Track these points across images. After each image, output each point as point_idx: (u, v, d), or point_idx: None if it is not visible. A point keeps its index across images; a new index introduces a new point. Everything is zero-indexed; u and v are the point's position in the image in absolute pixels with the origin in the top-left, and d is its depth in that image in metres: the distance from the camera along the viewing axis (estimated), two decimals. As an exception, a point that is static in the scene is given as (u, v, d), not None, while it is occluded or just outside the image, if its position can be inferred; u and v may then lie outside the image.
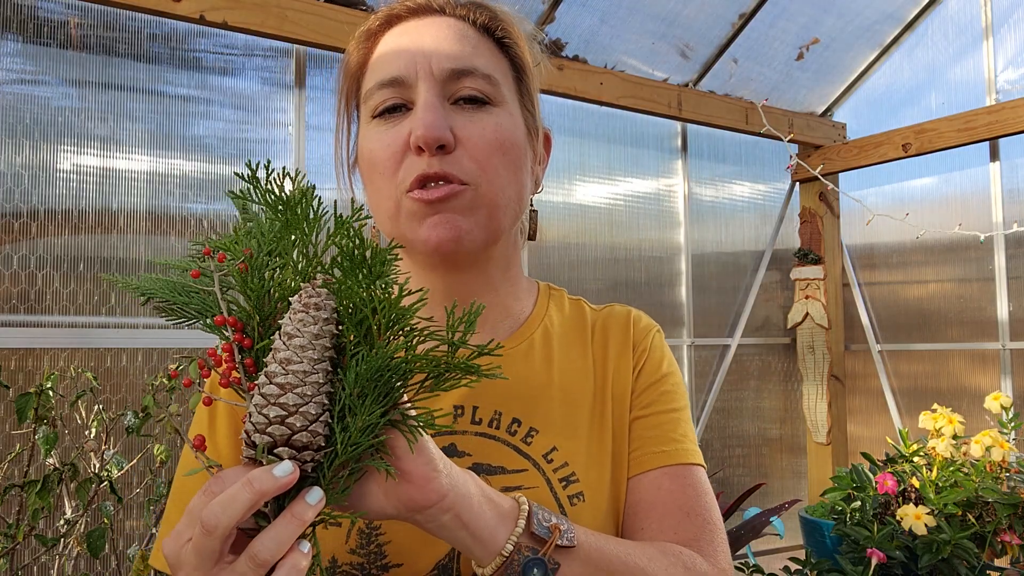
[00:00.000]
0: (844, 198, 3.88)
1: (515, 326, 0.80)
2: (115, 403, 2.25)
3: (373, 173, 0.71)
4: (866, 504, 1.31)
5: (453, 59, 0.70)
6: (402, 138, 0.68)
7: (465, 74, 0.69)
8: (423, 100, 0.68)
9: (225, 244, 0.56)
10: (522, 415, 0.74)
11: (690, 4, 3.10)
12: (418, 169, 0.67)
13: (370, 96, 0.71)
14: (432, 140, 0.66)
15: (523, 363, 0.77)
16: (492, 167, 0.69)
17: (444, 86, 0.69)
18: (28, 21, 2.18)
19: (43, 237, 2.18)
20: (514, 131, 0.72)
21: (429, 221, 0.68)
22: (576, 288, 3.22)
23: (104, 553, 1.78)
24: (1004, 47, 3.32)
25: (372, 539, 0.66)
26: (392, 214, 0.70)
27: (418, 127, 0.66)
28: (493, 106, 0.71)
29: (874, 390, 3.79)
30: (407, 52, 0.70)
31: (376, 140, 0.71)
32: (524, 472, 0.71)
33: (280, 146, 2.55)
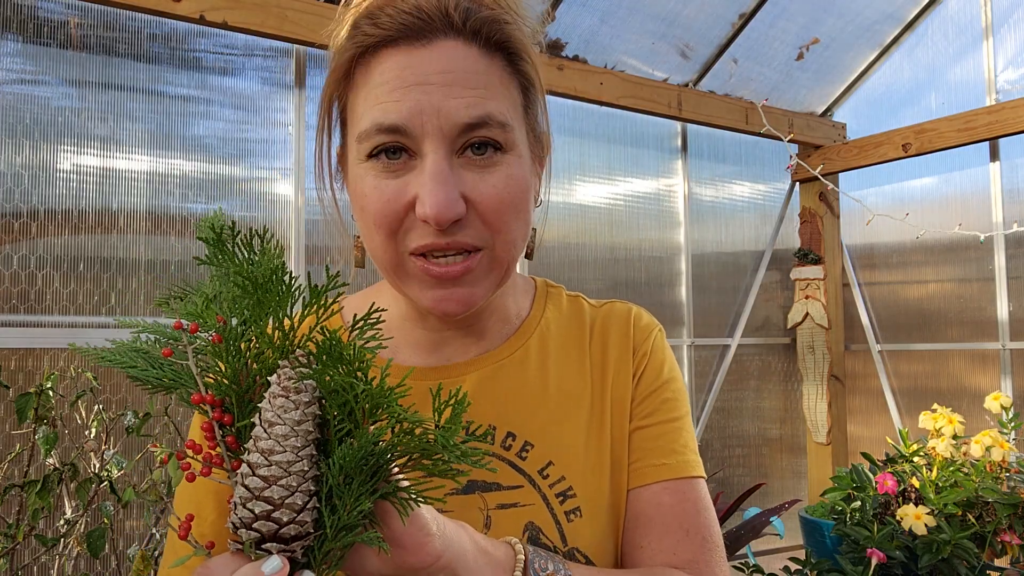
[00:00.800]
0: (844, 198, 3.89)
1: (510, 331, 0.78)
2: (115, 403, 2.25)
3: (368, 220, 0.66)
4: (866, 504, 1.31)
5: (465, 108, 0.63)
6: (405, 198, 0.63)
7: (478, 126, 0.63)
8: (431, 166, 0.62)
9: (196, 312, 0.54)
10: (517, 428, 0.73)
11: (690, 4, 3.10)
12: (426, 239, 0.63)
13: (366, 137, 0.64)
14: (444, 222, 0.61)
15: (518, 371, 0.75)
16: (504, 226, 0.65)
17: (453, 141, 0.63)
18: (28, 21, 2.18)
19: (43, 237, 2.18)
20: (523, 177, 0.67)
21: (437, 293, 0.65)
22: (576, 288, 3.21)
23: (104, 553, 1.78)
24: (1004, 47, 3.32)
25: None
26: (392, 268, 0.67)
27: (429, 205, 0.61)
28: (503, 152, 0.65)
29: (874, 390, 3.79)
30: (411, 97, 0.62)
31: (373, 188, 0.64)
32: (520, 489, 0.70)
33: (280, 146, 2.55)
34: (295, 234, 2.55)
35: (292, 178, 2.55)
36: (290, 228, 2.55)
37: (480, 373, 0.74)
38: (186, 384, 0.53)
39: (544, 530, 0.70)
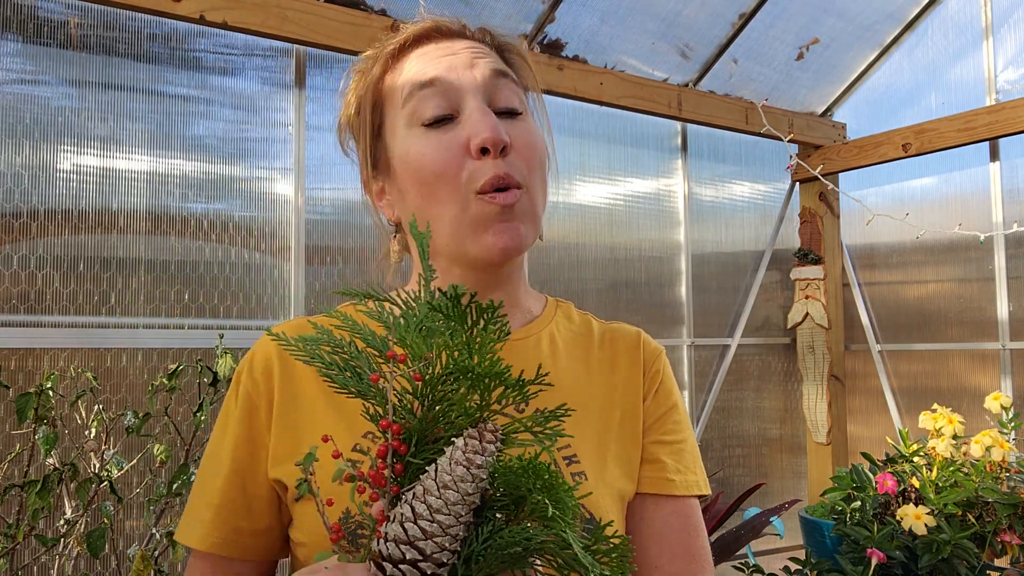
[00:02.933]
0: (844, 198, 3.89)
1: (525, 322, 0.84)
2: (115, 403, 2.25)
3: (428, 178, 0.73)
4: (866, 504, 1.31)
5: (490, 64, 0.75)
6: (459, 143, 0.72)
7: (503, 75, 0.75)
8: (475, 106, 0.73)
9: (414, 346, 0.56)
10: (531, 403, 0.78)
11: (690, 4, 3.10)
12: (490, 170, 0.71)
13: (411, 97, 0.74)
14: (499, 142, 0.70)
15: (532, 354, 0.82)
16: (535, 171, 0.75)
17: (486, 91, 0.74)
18: (28, 21, 2.18)
19: (43, 237, 2.18)
20: (541, 137, 0.78)
21: (498, 227, 0.72)
22: (576, 288, 3.22)
23: (104, 553, 1.78)
24: (1004, 47, 3.32)
25: None
26: (455, 216, 0.73)
27: (483, 130, 0.71)
28: (524, 116, 0.77)
29: (874, 390, 3.79)
30: (444, 59, 0.74)
31: (427, 144, 0.73)
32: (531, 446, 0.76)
33: (280, 146, 2.55)
34: (295, 234, 2.55)
35: (292, 178, 2.55)
36: (290, 228, 2.55)
37: None
38: (374, 401, 0.56)
39: None
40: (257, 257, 2.50)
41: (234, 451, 0.77)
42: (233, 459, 0.77)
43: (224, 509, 0.76)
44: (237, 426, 0.78)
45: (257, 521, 0.77)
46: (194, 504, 0.78)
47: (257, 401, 0.78)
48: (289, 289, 2.54)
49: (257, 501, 0.76)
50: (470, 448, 0.51)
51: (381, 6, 2.58)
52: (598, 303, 3.28)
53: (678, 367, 3.52)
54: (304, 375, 0.79)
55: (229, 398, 0.81)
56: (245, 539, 0.76)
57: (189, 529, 0.77)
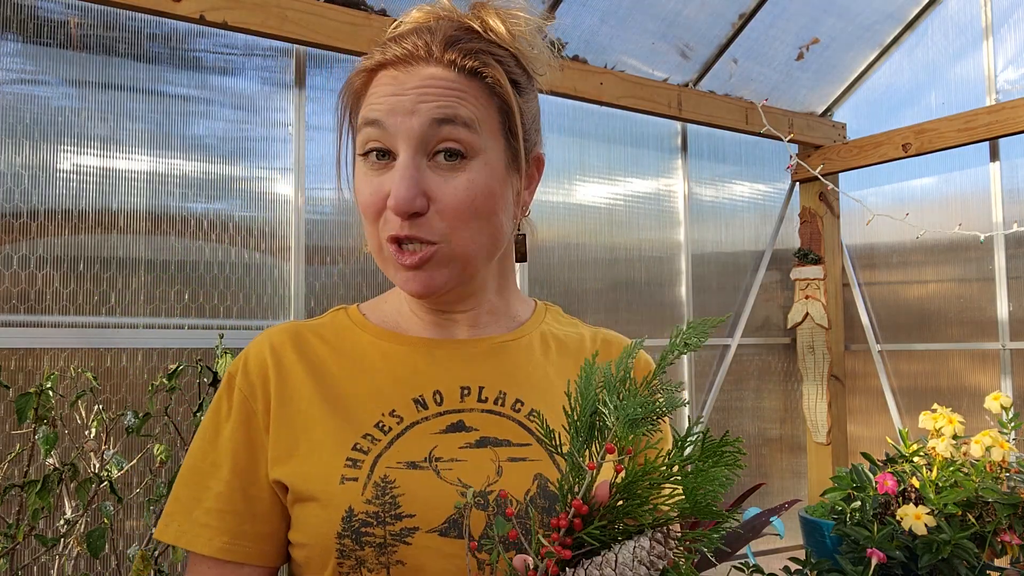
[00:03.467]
0: (844, 198, 3.88)
1: (514, 326, 0.87)
2: (115, 403, 2.25)
3: (361, 210, 0.78)
4: (866, 504, 1.31)
5: (434, 108, 0.73)
6: (382, 192, 0.74)
7: (446, 122, 0.73)
8: (400, 163, 0.74)
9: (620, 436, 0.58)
10: (524, 397, 0.80)
11: (690, 4, 3.10)
12: (392, 230, 0.74)
13: (360, 130, 0.77)
14: (404, 212, 0.72)
15: (523, 355, 0.84)
16: (462, 225, 0.75)
17: (424, 140, 0.74)
18: (28, 21, 2.18)
19: (43, 237, 2.18)
20: (488, 183, 0.76)
21: (405, 275, 0.76)
22: (576, 288, 3.22)
23: (104, 553, 1.78)
24: (1004, 47, 3.32)
25: (387, 491, 0.72)
26: (376, 252, 0.78)
27: (392, 196, 0.73)
28: (469, 159, 0.75)
29: (874, 390, 3.79)
30: (388, 102, 0.74)
31: (364, 183, 0.77)
32: (529, 446, 0.77)
33: (280, 146, 2.55)
34: (295, 234, 2.55)
35: (292, 178, 2.55)
36: (290, 228, 2.55)
37: (489, 348, 0.83)
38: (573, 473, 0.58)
39: (552, 481, 0.76)
40: (257, 257, 2.50)
41: (233, 456, 0.77)
42: (233, 464, 0.77)
43: (228, 515, 0.76)
44: (235, 431, 0.78)
45: (261, 525, 0.77)
46: (187, 506, 0.78)
47: (254, 405, 0.78)
48: (289, 289, 2.54)
49: (260, 504, 0.77)
50: (655, 552, 0.53)
51: (381, 6, 2.58)
52: (598, 303, 3.28)
53: (678, 367, 3.52)
54: (299, 373, 0.79)
55: (220, 399, 0.80)
56: (250, 543, 0.76)
57: (192, 533, 0.77)
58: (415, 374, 0.80)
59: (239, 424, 0.78)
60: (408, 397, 0.78)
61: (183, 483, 0.79)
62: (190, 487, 0.78)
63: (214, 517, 0.76)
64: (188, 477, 0.79)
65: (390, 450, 0.74)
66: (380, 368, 0.80)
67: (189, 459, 0.80)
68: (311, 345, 0.82)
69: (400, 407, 0.77)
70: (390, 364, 0.80)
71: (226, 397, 0.80)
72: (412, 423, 0.76)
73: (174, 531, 0.77)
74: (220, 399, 0.80)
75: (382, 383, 0.79)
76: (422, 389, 0.79)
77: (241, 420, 0.78)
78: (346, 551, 0.71)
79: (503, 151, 0.78)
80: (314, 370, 0.80)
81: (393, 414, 0.77)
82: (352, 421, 0.76)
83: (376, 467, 0.73)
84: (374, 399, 0.78)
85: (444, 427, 0.77)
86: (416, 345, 0.82)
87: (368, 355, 0.81)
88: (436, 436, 0.76)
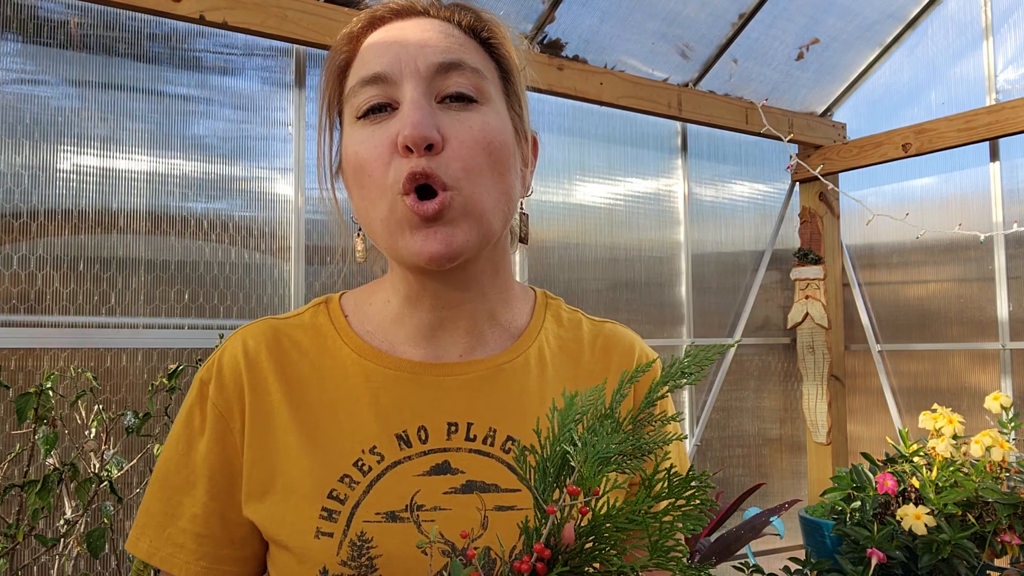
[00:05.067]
0: (844, 198, 3.88)
1: (510, 340, 0.78)
2: (115, 403, 2.25)
3: (361, 176, 0.69)
4: (866, 504, 1.31)
5: (440, 53, 0.68)
6: (389, 138, 0.67)
7: (452, 67, 0.68)
8: (409, 98, 0.67)
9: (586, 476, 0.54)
10: (516, 433, 0.73)
11: (690, 4, 3.10)
12: (408, 167, 0.65)
13: (353, 94, 0.70)
14: (420, 139, 0.64)
15: (518, 379, 0.76)
16: (477, 168, 0.67)
17: (430, 83, 0.68)
18: (28, 21, 2.18)
19: (43, 237, 2.18)
20: (501, 130, 0.70)
21: (424, 232, 0.66)
22: (576, 288, 3.22)
23: (104, 553, 1.78)
24: (1004, 47, 3.32)
25: (364, 551, 0.67)
26: (385, 217, 0.68)
27: (405, 126, 0.65)
28: (480, 104, 0.69)
29: (874, 390, 3.79)
30: (391, 49, 0.69)
31: (361, 142, 0.69)
32: (518, 492, 0.71)
33: (280, 145, 2.55)
34: (295, 234, 2.55)
35: (292, 178, 2.55)
36: (290, 228, 2.55)
37: (483, 374, 0.75)
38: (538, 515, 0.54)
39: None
40: (257, 257, 2.50)
41: (210, 477, 0.72)
42: (210, 486, 0.72)
43: (206, 539, 0.72)
44: (210, 449, 0.73)
45: (240, 549, 0.73)
46: (160, 523, 0.73)
47: (230, 423, 0.73)
48: (289, 289, 2.54)
49: (239, 529, 0.72)
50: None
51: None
52: (598, 303, 3.28)
53: (678, 367, 3.52)
54: (275, 392, 0.73)
55: (192, 409, 0.74)
56: (229, 566, 0.72)
57: (166, 552, 0.72)
58: (399, 405, 0.72)
59: (214, 442, 0.72)
60: (391, 432, 0.71)
61: (155, 497, 0.74)
62: (162, 502, 0.73)
63: (191, 539, 0.71)
64: (160, 491, 0.74)
65: (368, 496, 0.68)
66: (362, 395, 0.73)
67: (161, 469, 0.74)
68: (289, 357, 0.75)
69: (381, 444, 0.70)
70: (372, 390, 0.73)
71: (199, 408, 0.74)
72: (394, 463, 0.70)
73: (146, 547, 0.72)
74: (192, 409, 0.74)
75: (363, 414, 0.72)
76: (406, 424, 0.71)
77: (216, 438, 0.72)
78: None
79: (507, 112, 0.73)
80: (291, 390, 0.73)
81: (374, 451, 0.70)
82: (329, 457, 0.70)
83: (353, 521, 0.67)
84: (354, 433, 0.71)
85: (428, 468, 0.70)
86: (402, 370, 0.74)
87: (349, 377, 0.74)
88: (419, 479, 0.69)
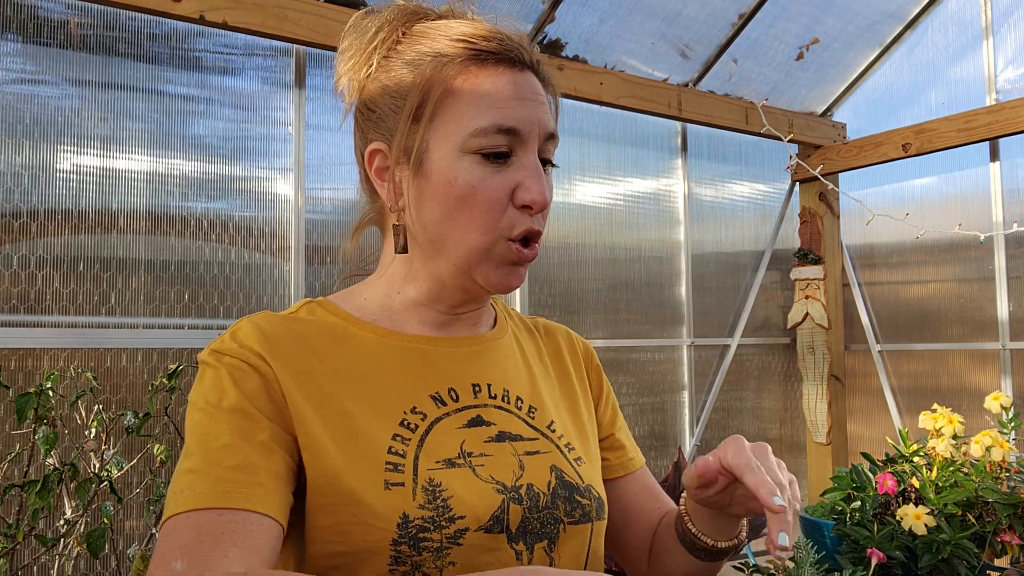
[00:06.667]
0: (844, 198, 3.88)
1: (492, 322, 0.91)
2: (115, 403, 2.25)
3: (470, 207, 0.77)
4: (866, 504, 1.31)
5: (548, 123, 0.82)
6: (508, 187, 0.77)
7: (552, 138, 0.83)
8: (533, 164, 0.78)
9: None
10: (521, 395, 0.85)
11: (690, 4, 3.09)
12: (528, 224, 0.78)
13: (483, 134, 0.76)
14: (543, 206, 0.78)
15: (509, 352, 0.89)
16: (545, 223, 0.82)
17: (540, 145, 0.81)
18: (28, 21, 2.18)
19: (43, 237, 2.18)
20: None
21: (514, 271, 0.80)
22: (576, 288, 3.22)
23: (104, 553, 1.78)
24: (1004, 47, 3.32)
25: (437, 495, 0.73)
26: (478, 249, 0.78)
27: (536, 193, 0.77)
28: (551, 167, 0.84)
29: (874, 390, 3.79)
30: (524, 109, 0.78)
31: (480, 180, 0.77)
32: (537, 440, 0.82)
33: (280, 145, 2.55)
34: (295, 234, 2.55)
35: (292, 178, 2.55)
36: (290, 228, 2.55)
37: (483, 347, 0.86)
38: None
39: (565, 471, 0.82)
40: (257, 257, 2.50)
41: (272, 434, 0.70)
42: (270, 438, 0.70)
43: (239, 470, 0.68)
44: (253, 389, 0.71)
45: (275, 465, 0.69)
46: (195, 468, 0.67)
47: (261, 371, 0.73)
48: (289, 289, 2.54)
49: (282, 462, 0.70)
50: None
51: (380, 5, 2.58)
52: (598, 303, 3.28)
53: (678, 367, 3.52)
54: (301, 358, 0.75)
55: (216, 376, 0.72)
56: (263, 479, 0.67)
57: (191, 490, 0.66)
58: (426, 371, 0.80)
59: (254, 384, 0.72)
60: (426, 394, 0.79)
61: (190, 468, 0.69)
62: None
63: (269, 477, 0.68)
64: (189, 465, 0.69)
65: (423, 449, 0.74)
66: (391, 365, 0.79)
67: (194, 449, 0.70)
68: (305, 339, 0.77)
69: (421, 404, 0.78)
70: (400, 361, 0.80)
71: (226, 372, 0.72)
72: (436, 419, 0.77)
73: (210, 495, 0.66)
74: (217, 376, 0.72)
75: (397, 381, 0.78)
76: (436, 386, 0.80)
77: (253, 382, 0.72)
78: (402, 557, 0.69)
79: None
80: (322, 361, 0.76)
81: (415, 411, 0.77)
82: (379, 418, 0.75)
83: (419, 469, 0.73)
84: (394, 397, 0.77)
85: (465, 422, 0.79)
86: (420, 342, 0.82)
87: (374, 352, 0.80)
88: (461, 431, 0.78)
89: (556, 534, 0.77)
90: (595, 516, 0.82)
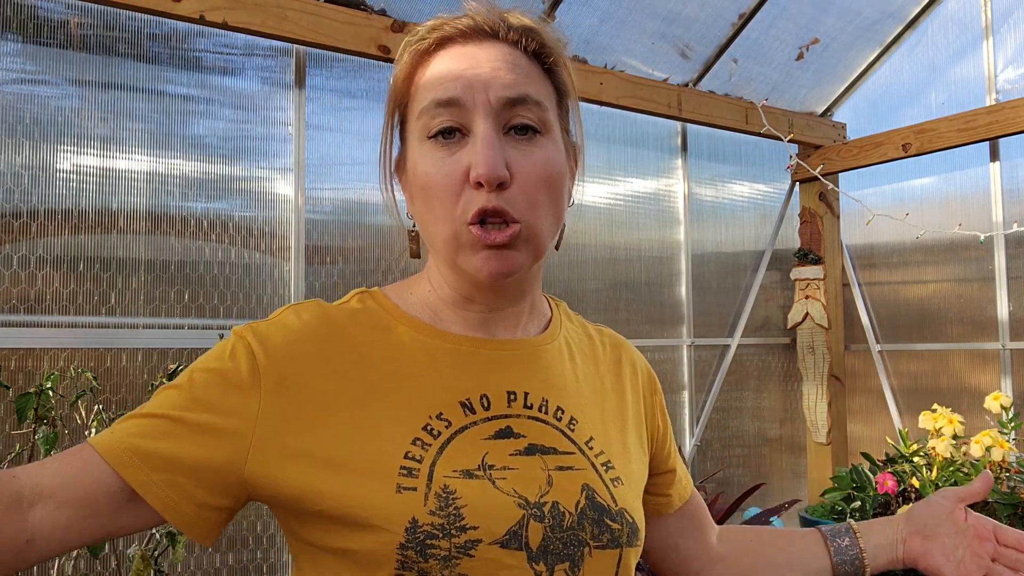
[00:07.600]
0: (844, 198, 3.88)
1: (542, 326, 0.87)
2: (115, 403, 2.25)
3: (429, 196, 0.75)
4: (866, 504, 1.31)
5: (508, 87, 0.73)
6: (460, 169, 0.73)
7: (519, 102, 0.74)
8: (482, 134, 0.72)
9: None
10: (564, 405, 0.81)
11: (690, 4, 3.09)
12: (478, 203, 0.72)
13: (426, 112, 0.74)
14: (493, 179, 0.71)
15: (557, 359, 0.84)
16: (539, 202, 0.74)
17: (499, 115, 0.73)
18: (28, 21, 2.18)
19: (43, 237, 2.18)
20: (558, 162, 0.77)
21: (492, 256, 0.73)
22: (576, 288, 3.22)
23: (104, 553, 1.78)
24: (1004, 47, 3.32)
25: (450, 503, 0.71)
26: (448, 238, 0.74)
27: (480, 165, 0.71)
28: (541, 135, 0.75)
29: (874, 390, 3.79)
30: (465, 77, 0.73)
31: (432, 165, 0.74)
32: (573, 455, 0.78)
33: (280, 145, 2.55)
34: (295, 234, 2.55)
35: (292, 178, 2.55)
36: (290, 228, 2.55)
37: (528, 352, 0.82)
38: None
39: (597, 491, 0.77)
40: (257, 257, 2.50)
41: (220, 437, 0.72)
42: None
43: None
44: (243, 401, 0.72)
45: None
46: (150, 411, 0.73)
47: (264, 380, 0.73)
48: (289, 289, 2.54)
49: None
50: None
51: (381, 6, 2.58)
52: (598, 303, 3.28)
53: (678, 367, 3.52)
54: (337, 359, 0.76)
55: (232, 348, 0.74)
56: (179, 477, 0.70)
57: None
58: (460, 375, 0.77)
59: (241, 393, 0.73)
60: (455, 400, 0.76)
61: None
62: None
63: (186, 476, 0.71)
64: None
65: (441, 456, 0.72)
66: (424, 366, 0.77)
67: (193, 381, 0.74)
68: (348, 332, 0.78)
69: (447, 410, 0.75)
70: (434, 363, 0.78)
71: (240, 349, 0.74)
72: (461, 427, 0.74)
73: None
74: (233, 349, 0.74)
75: (427, 384, 0.76)
76: (468, 392, 0.77)
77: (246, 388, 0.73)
78: (408, 562, 0.68)
79: (561, 136, 0.80)
80: (360, 356, 0.76)
81: (440, 417, 0.74)
82: (400, 422, 0.74)
83: (433, 476, 0.71)
84: (421, 401, 0.75)
85: (492, 433, 0.75)
86: (460, 343, 0.79)
87: (409, 351, 0.78)
88: (485, 442, 0.74)
89: (580, 557, 0.73)
90: (625, 542, 0.77)
